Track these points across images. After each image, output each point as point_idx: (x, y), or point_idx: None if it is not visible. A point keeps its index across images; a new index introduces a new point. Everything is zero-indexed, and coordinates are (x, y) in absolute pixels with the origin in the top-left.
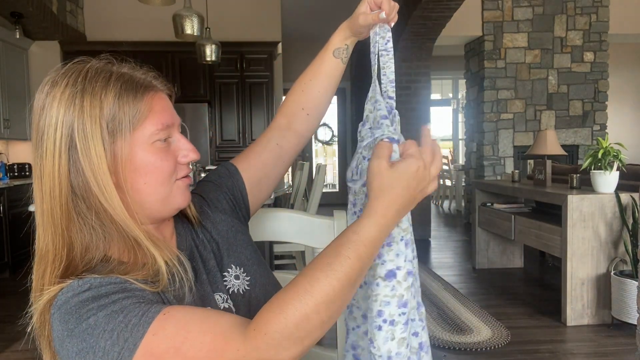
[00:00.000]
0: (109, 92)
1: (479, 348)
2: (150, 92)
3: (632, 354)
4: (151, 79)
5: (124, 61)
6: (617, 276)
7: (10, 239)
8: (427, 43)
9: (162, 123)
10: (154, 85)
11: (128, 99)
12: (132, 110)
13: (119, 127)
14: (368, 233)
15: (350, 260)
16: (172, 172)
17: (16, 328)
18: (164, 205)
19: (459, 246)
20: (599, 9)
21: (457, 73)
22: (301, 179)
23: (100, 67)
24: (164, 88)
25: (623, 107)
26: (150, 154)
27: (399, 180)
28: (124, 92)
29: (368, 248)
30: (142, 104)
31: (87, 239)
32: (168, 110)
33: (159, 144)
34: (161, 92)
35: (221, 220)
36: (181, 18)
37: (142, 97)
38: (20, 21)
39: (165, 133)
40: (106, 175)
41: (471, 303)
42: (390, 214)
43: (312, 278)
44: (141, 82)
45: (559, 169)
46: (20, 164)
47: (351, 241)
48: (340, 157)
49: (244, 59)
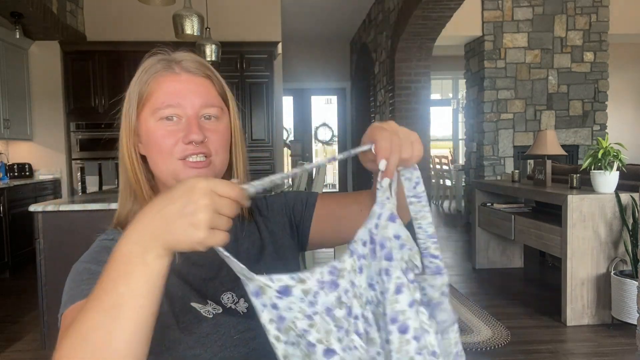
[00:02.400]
0: (141, 70)
1: (479, 348)
2: (165, 73)
3: (632, 354)
4: (175, 63)
5: (184, 49)
6: (617, 276)
7: (10, 239)
8: (427, 43)
9: (162, 102)
10: (172, 68)
11: (148, 78)
12: (145, 87)
13: (141, 99)
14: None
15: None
16: (171, 148)
17: (16, 328)
18: (174, 179)
19: (459, 246)
20: (599, 9)
21: (457, 73)
22: (301, 179)
23: (155, 52)
24: (186, 71)
25: (623, 107)
26: (155, 129)
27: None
28: (145, 72)
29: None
30: (154, 83)
31: (122, 198)
32: (175, 92)
33: (166, 122)
34: (179, 75)
35: (276, 222)
36: (181, 18)
37: (156, 77)
38: (20, 21)
39: (169, 111)
40: (129, 136)
41: (471, 303)
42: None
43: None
44: (161, 65)
45: (559, 169)
46: (20, 164)
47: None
48: None
49: (244, 59)
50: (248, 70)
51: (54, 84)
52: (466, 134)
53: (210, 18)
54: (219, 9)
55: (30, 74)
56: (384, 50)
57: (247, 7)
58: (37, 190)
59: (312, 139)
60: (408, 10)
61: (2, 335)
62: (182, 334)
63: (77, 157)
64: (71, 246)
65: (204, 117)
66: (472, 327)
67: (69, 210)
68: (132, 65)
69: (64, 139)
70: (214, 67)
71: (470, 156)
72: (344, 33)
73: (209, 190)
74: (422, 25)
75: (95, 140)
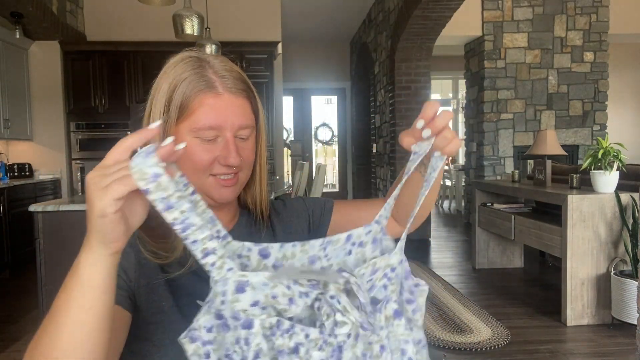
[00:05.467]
0: (179, 77)
1: (479, 348)
2: (207, 91)
3: (632, 354)
4: (218, 80)
5: (218, 56)
6: (617, 276)
7: (10, 239)
8: (427, 43)
9: (204, 123)
10: (215, 87)
11: (190, 92)
12: (186, 102)
13: (182, 114)
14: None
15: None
16: (206, 167)
17: (16, 328)
18: (201, 192)
19: (459, 246)
20: (599, 9)
21: (457, 73)
22: (301, 179)
23: (194, 57)
24: (228, 91)
25: (623, 107)
26: (191, 145)
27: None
28: (185, 83)
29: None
30: (196, 100)
31: None
32: (217, 114)
33: (205, 140)
34: (222, 95)
35: (293, 223)
36: (181, 18)
37: (198, 93)
38: (20, 21)
39: (211, 134)
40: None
41: (471, 303)
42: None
43: None
44: (203, 82)
45: (559, 169)
46: (20, 164)
47: None
48: (340, 157)
49: (244, 59)
50: (248, 70)
51: (54, 84)
52: (466, 134)
53: (210, 18)
54: (219, 9)
55: (30, 74)
56: (384, 50)
57: (247, 7)
58: (37, 190)
59: (312, 139)
60: (408, 10)
61: (2, 335)
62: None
63: (77, 157)
64: (71, 246)
65: (239, 137)
66: (472, 327)
67: (69, 210)
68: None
69: (64, 139)
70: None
71: (470, 156)
72: (343, 33)
73: (90, 176)
74: (422, 25)
75: (95, 140)
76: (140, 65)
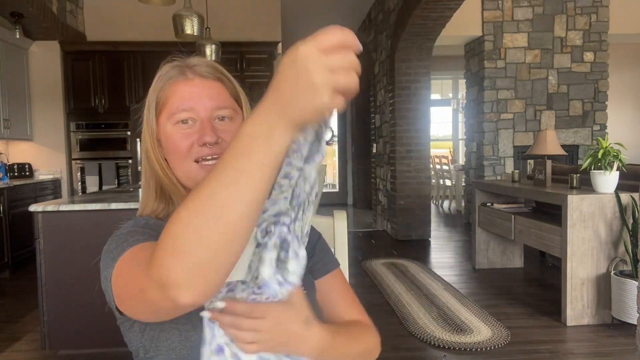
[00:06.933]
0: (157, 77)
1: (479, 348)
2: (179, 79)
3: (632, 354)
4: (189, 69)
5: (198, 55)
6: (617, 276)
7: (10, 239)
8: (427, 43)
9: (177, 107)
10: (185, 74)
11: (163, 84)
12: (161, 94)
13: (158, 105)
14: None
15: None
16: (187, 151)
17: (16, 328)
18: (190, 181)
19: (459, 246)
20: (599, 9)
21: (457, 73)
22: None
23: (171, 59)
24: (199, 75)
25: (623, 107)
26: (171, 133)
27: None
28: (160, 79)
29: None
30: (169, 89)
31: (144, 195)
32: (189, 97)
33: (181, 125)
34: (192, 80)
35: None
36: (181, 18)
37: (171, 83)
38: (20, 21)
39: (184, 115)
40: (153, 142)
41: (471, 303)
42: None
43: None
44: (175, 71)
45: (559, 169)
46: (20, 164)
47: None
48: (340, 157)
49: (244, 59)
50: (248, 70)
51: (54, 84)
52: (466, 134)
53: (210, 18)
54: (219, 9)
55: (30, 74)
56: (384, 50)
57: (247, 7)
58: (37, 190)
59: None
60: (408, 10)
61: (2, 335)
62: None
63: (77, 157)
64: (71, 246)
65: (218, 118)
66: (472, 327)
67: (69, 210)
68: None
69: (64, 139)
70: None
71: (470, 156)
72: None
73: (311, 52)
74: (422, 25)
75: (95, 140)
76: (140, 65)
